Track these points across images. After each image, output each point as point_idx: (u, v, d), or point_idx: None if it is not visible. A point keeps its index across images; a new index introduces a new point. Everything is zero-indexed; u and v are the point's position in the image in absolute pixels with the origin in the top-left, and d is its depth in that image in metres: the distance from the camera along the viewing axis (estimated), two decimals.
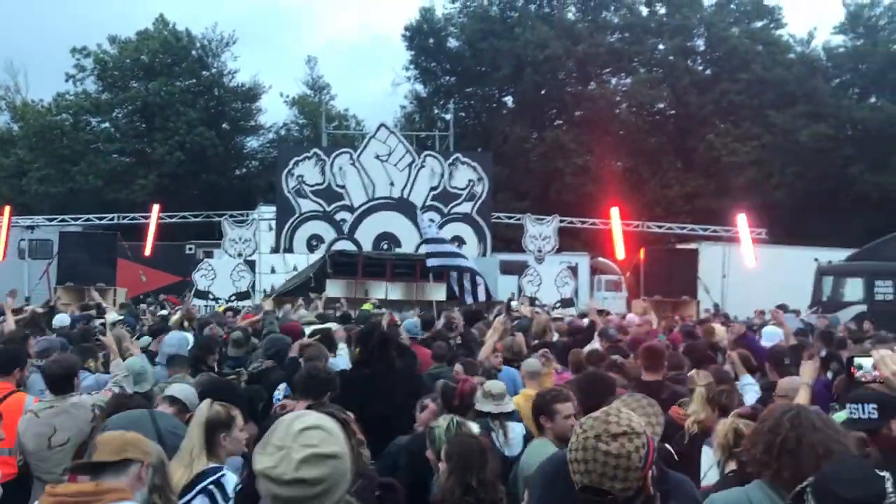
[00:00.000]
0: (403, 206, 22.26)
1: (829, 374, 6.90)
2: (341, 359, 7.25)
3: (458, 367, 6.47)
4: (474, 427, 4.34)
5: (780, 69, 37.09)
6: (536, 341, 8.92)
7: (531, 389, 5.99)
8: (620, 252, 22.88)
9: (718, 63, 39.98)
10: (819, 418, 2.74)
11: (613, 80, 42.57)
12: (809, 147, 33.92)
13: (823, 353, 7.90)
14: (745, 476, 2.99)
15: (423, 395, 5.34)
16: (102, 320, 10.07)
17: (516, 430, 5.24)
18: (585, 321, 10.72)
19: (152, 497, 3.21)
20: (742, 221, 22.70)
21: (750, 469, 2.93)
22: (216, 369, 6.88)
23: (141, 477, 3.07)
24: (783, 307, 14.33)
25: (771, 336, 9.11)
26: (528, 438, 5.01)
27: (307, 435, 1.96)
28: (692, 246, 24.02)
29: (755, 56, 37.81)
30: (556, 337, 9.95)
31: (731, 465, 3.71)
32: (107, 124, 41.01)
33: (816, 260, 21.95)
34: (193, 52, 41.93)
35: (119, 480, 2.97)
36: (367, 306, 13.71)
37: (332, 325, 8.55)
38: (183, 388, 5.06)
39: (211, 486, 3.64)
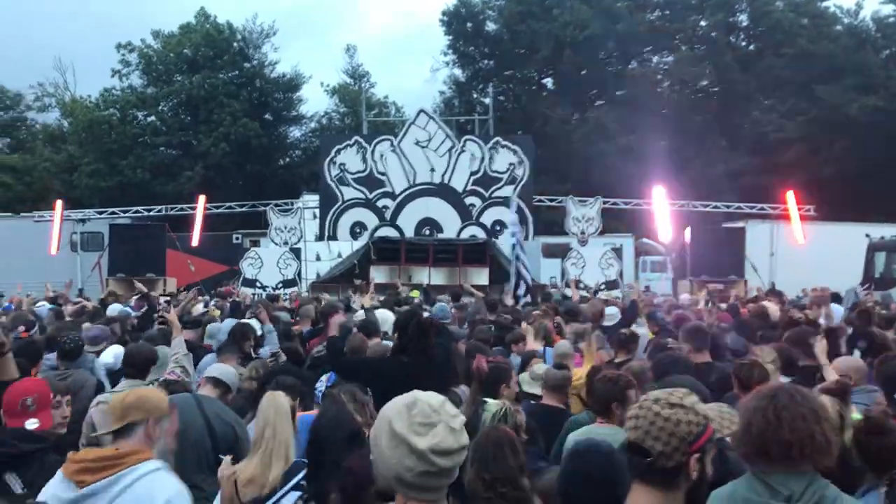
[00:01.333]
0: (444, 192, 22.29)
1: (857, 352, 6.62)
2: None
3: (460, 345, 6.50)
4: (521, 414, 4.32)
5: (827, 42, 36.20)
6: (590, 325, 8.90)
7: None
8: (665, 233, 22.59)
9: (762, 38, 39.16)
10: (796, 391, 2.76)
11: (655, 59, 42.01)
12: (859, 121, 33.08)
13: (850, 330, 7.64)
14: None
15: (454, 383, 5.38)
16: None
17: None
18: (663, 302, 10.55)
19: None
20: (790, 198, 22.23)
21: (743, 457, 2.95)
22: (252, 355, 6.96)
23: (149, 434, 3.10)
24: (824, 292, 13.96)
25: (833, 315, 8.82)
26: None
27: (446, 407, 2.08)
28: (739, 224, 23.63)
29: (800, 29, 36.95)
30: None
31: None
32: (153, 118, 41.79)
33: (868, 236, 21.47)
34: (235, 45, 42.49)
35: (130, 443, 3.01)
36: (413, 294, 13.72)
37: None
38: (224, 370, 5.15)
39: (304, 482, 3.58)
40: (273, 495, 3.60)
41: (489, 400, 4.23)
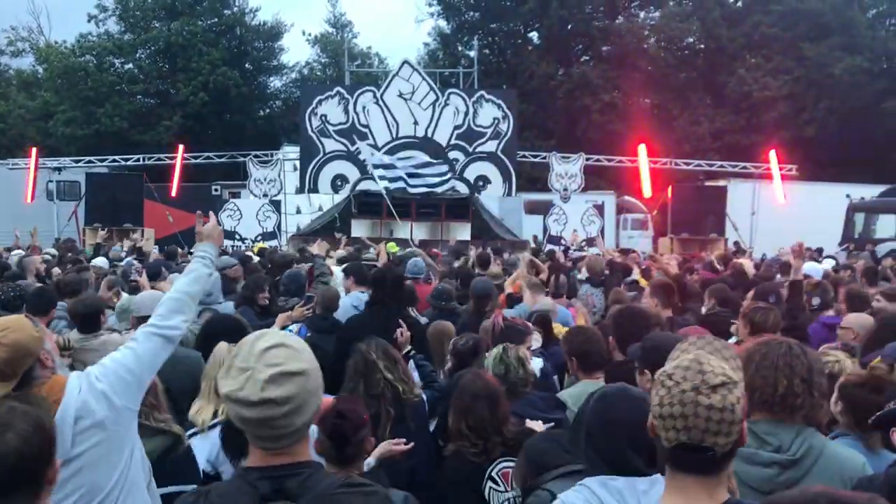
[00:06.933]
0: (427, 145, 22.07)
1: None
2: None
3: None
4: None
5: (815, 0, 35.94)
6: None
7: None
8: (647, 190, 22.58)
9: None
10: (794, 343, 2.79)
11: (642, 14, 41.55)
12: (844, 81, 33.07)
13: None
14: None
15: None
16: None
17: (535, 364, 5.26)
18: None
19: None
20: (773, 158, 22.25)
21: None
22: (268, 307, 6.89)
23: None
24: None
25: (813, 271, 8.87)
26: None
27: (271, 354, 1.87)
28: (721, 183, 23.69)
29: None
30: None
31: None
32: (130, 65, 40.83)
33: (848, 196, 21.60)
34: None
35: None
36: (391, 247, 13.55)
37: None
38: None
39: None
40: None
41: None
